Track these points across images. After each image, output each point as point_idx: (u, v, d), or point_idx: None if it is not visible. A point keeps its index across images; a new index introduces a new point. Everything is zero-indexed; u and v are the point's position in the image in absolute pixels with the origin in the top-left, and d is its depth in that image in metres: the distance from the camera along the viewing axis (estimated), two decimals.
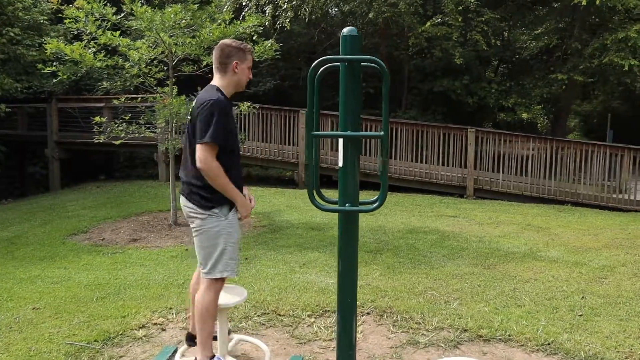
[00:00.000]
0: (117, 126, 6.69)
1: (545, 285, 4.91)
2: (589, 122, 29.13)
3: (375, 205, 2.85)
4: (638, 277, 5.24)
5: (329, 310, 4.16)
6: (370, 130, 10.95)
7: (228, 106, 2.89)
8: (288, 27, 11.05)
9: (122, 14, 6.63)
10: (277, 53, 7.30)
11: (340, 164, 2.87)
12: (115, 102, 6.90)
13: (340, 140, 2.87)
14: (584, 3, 10.88)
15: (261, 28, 7.36)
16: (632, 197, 10.04)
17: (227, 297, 3.13)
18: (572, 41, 13.26)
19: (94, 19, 6.42)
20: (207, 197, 2.87)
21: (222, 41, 2.99)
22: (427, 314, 4.12)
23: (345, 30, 2.81)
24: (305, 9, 10.86)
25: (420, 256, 5.86)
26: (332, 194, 3.01)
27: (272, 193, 10.37)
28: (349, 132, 2.82)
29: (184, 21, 6.28)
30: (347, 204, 2.88)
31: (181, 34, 6.72)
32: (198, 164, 2.76)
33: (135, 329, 3.64)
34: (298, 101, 14.59)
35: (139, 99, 6.90)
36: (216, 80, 2.96)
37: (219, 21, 7.08)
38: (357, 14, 12.02)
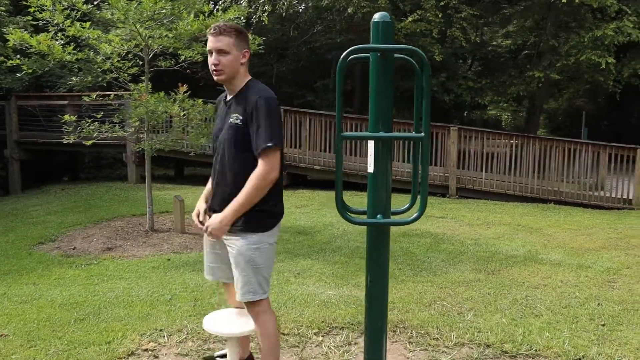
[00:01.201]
0: (88, 125, 6.13)
1: (556, 291, 4.67)
2: (555, 120, 29.67)
3: (413, 217, 2.49)
4: None
5: (336, 327, 3.79)
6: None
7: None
8: (266, 22, 10.61)
9: (94, 3, 6.08)
10: (261, 47, 6.86)
11: (371, 169, 2.51)
12: (86, 99, 6.33)
13: (371, 143, 2.51)
14: (563, 0, 10.81)
15: (243, 20, 6.91)
16: (613, 195, 10.03)
17: (234, 325, 2.70)
18: (547, 39, 13.26)
19: (62, 7, 5.85)
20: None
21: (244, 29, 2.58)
22: (443, 328, 3.81)
23: (376, 15, 2.44)
24: (283, 3, 10.44)
25: (419, 262, 5.56)
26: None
27: None
28: (381, 134, 2.45)
29: (163, 11, 5.78)
30: (378, 215, 2.53)
31: (158, 26, 6.21)
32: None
33: (124, 358, 3.18)
34: None
35: (112, 95, 6.34)
36: None
37: (195, 12, 6.59)
38: (334, 9, 11.66)
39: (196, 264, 5.32)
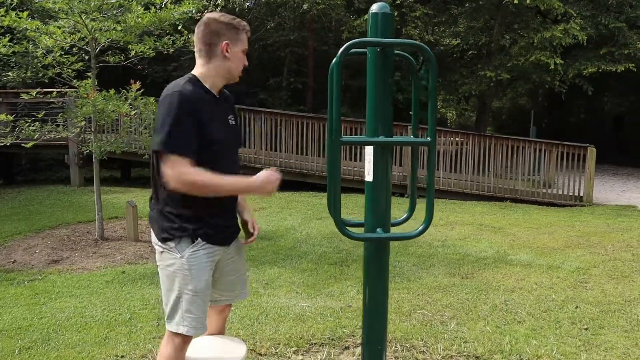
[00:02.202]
0: (28, 125, 5.56)
1: (533, 294, 4.59)
2: (499, 118, 30.54)
3: (419, 230, 2.25)
4: (615, 279, 5.09)
5: (315, 343, 3.52)
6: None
7: (200, 101, 2.10)
8: None
9: None
10: None
11: (370, 177, 2.26)
12: (25, 96, 5.74)
13: (369, 149, 2.26)
14: (515, 2, 10.95)
15: (198, 14, 6.49)
16: (565, 192, 10.25)
17: (217, 355, 2.38)
18: (497, 39, 13.47)
19: None
20: (165, 226, 2.15)
21: (207, 15, 2.22)
22: (428, 339, 3.61)
23: (374, 6, 2.19)
24: None
25: (390, 267, 5.34)
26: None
27: None
28: (382, 138, 2.21)
29: (112, 1, 5.30)
30: (378, 229, 2.29)
31: (105, 18, 5.72)
32: (170, 183, 2.03)
33: None
34: None
35: (54, 93, 5.78)
36: (196, 68, 2.19)
37: (145, 4, 6.13)
38: (287, 5, 11.34)
39: (154, 276, 4.89)
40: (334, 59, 2.06)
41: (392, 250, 6.00)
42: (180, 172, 2.01)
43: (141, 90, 5.68)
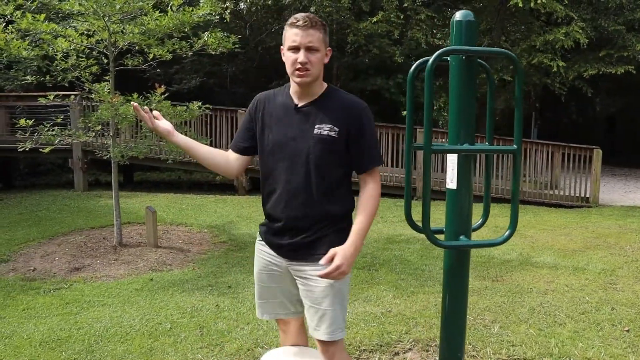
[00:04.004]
0: (47, 130, 5.44)
1: (566, 297, 4.59)
2: (494, 120, 30.73)
3: (505, 236, 2.24)
4: None
5: (365, 350, 3.50)
6: None
7: (262, 103, 2.19)
8: (228, 19, 10.09)
9: None
10: (236, 46, 6.40)
11: (453, 185, 2.24)
12: (43, 100, 5.62)
13: (452, 157, 2.24)
14: (519, 4, 11.01)
15: (217, 17, 6.42)
16: (571, 194, 10.31)
17: None
18: (499, 42, 13.53)
19: None
20: None
21: None
22: (476, 343, 3.59)
23: (458, 14, 2.16)
24: (247, 1, 9.95)
25: (420, 271, 5.34)
26: None
27: (212, 201, 9.39)
28: (466, 146, 2.19)
29: (139, 3, 5.21)
30: (461, 237, 2.26)
31: (127, 20, 5.63)
32: None
33: None
34: (224, 100, 13.59)
35: (72, 97, 5.67)
36: None
37: (160, 7, 6.05)
38: (292, 8, 11.29)
39: (184, 284, 4.83)
40: (427, 66, 2.02)
41: (417, 253, 5.99)
42: None
43: (165, 95, 5.60)
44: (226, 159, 2.23)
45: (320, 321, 2.09)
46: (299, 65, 2.00)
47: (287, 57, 2.05)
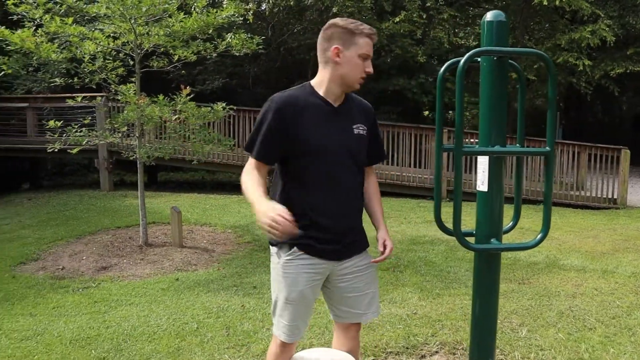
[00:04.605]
0: (75, 131, 5.54)
1: (595, 301, 4.50)
2: (514, 120, 30.39)
3: (537, 239, 2.21)
4: None
5: (391, 352, 3.48)
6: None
7: (292, 106, 2.07)
8: (250, 20, 10.14)
9: None
10: (259, 47, 6.43)
11: (484, 187, 2.21)
12: (70, 102, 5.72)
13: (483, 158, 2.21)
14: (544, 3, 10.85)
15: (240, 18, 6.46)
16: (598, 195, 10.13)
17: None
18: (523, 40, 13.36)
19: (44, 0, 5.24)
20: None
21: (331, 20, 2.18)
22: (503, 347, 3.55)
23: (489, 15, 2.13)
24: (269, 1, 10.00)
25: (445, 273, 5.29)
26: None
27: (235, 201, 9.44)
28: (498, 148, 2.16)
29: (166, 6, 5.27)
30: (492, 239, 2.23)
31: (151, 23, 5.70)
32: None
33: None
34: (246, 100, 13.67)
35: (98, 98, 5.76)
36: (317, 74, 2.17)
37: (185, 8, 6.11)
38: (314, 8, 11.31)
39: (209, 284, 4.86)
40: (459, 67, 2.00)
41: (442, 255, 5.95)
42: (244, 170, 2.13)
43: (191, 96, 5.65)
44: (265, 177, 2.16)
45: (370, 303, 2.29)
46: (364, 74, 2.11)
47: (356, 63, 2.08)
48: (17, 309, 4.33)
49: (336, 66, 2.11)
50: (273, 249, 2.18)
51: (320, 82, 2.14)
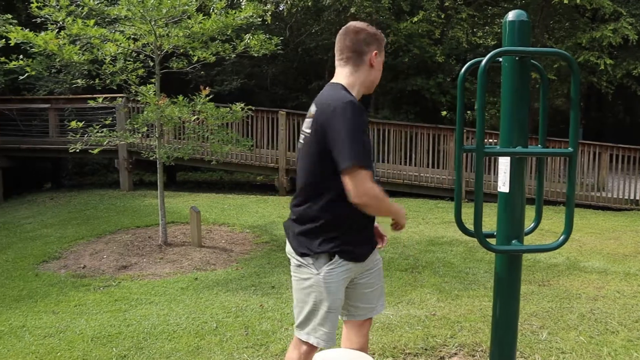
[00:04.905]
0: (97, 132, 5.62)
1: (618, 304, 4.43)
2: (536, 120, 30.06)
3: (559, 241, 2.19)
4: None
5: (410, 353, 3.46)
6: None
7: (364, 114, 2.08)
8: (269, 21, 10.19)
9: (100, 1, 5.55)
10: (278, 47, 6.45)
11: (506, 188, 2.19)
12: (92, 102, 5.81)
13: (504, 159, 2.19)
14: (565, 1, 10.71)
15: (259, 19, 6.49)
16: (619, 196, 9.97)
17: None
18: (542, 40, 13.20)
19: (66, 3, 5.32)
20: (305, 241, 2.12)
21: (353, 23, 2.20)
22: (523, 349, 3.51)
23: (511, 14, 2.12)
24: (287, 2, 10.03)
25: (463, 274, 5.26)
26: None
27: (253, 201, 9.49)
28: (519, 149, 2.14)
29: (187, 7, 5.32)
30: (514, 241, 2.21)
31: (171, 25, 5.75)
32: (354, 199, 1.96)
33: None
34: (264, 101, 13.73)
35: (118, 99, 5.83)
36: (342, 77, 2.15)
37: (204, 9, 6.16)
38: (332, 9, 11.31)
39: (228, 283, 4.90)
40: (480, 67, 1.99)
41: (460, 256, 5.91)
42: (369, 187, 1.95)
43: (210, 97, 5.70)
44: None
45: (379, 296, 2.35)
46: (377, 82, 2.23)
47: (380, 69, 2.20)
48: (40, 307, 4.41)
49: (371, 70, 2.17)
50: (305, 261, 2.12)
51: (352, 85, 2.14)
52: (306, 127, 2.15)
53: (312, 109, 2.13)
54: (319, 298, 2.12)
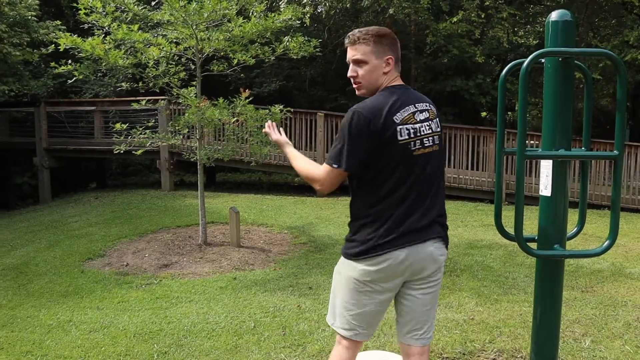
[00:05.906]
0: (140, 133, 5.78)
1: None
2: (579, 120, 29.18)
3: (604, 246, 2.13)
4: None
5: (447, 358, 3.42)
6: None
7: None
8: (308, 23, 10.26)
9: (144, 6, 5.71)
10: (317, 49, 6.49)
11: (548, 192, 2.15)
12: (135, 105, 5.98)
13: (547, 162, 2.15)
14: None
15: (297, 22, 6.54)
16: None
17: None
18: (587, 38, 12.82)
19: (112, 9, 5.50)
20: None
21: (388, 29, 2.25)
22: (565, 357, 3.43)
23: (554, 14, 2.08)
24: (325, 4, 10.07)
25: (503, 278, 5.16)
26: None
27: (291, 202, 9.56)
28: (562, 152, 2.10)
29: (227, 11, 5.42)
30: (555, 245, 2.17)
31: (212, 28, 5.87)
32: None
33: None
34: (302, 103, 13.80)
35: (160, 101, 5.99)
36: (399, 79, 2.27)
37: (244, 13, 6.25)
38: (370, 10, 11.28)
39: (266, 284, 4.96)
40: (522, 68, 1.96)
41: (500, 260, 5.80)
42: None
43: (249, 99, 5.78)
44: None
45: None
46: (351, 79, 2.22)
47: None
48: (85, 302, 4.57)
49: None
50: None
51: None
52: (435, 126, 2.26)
53: (427, 106, 2.24)
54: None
